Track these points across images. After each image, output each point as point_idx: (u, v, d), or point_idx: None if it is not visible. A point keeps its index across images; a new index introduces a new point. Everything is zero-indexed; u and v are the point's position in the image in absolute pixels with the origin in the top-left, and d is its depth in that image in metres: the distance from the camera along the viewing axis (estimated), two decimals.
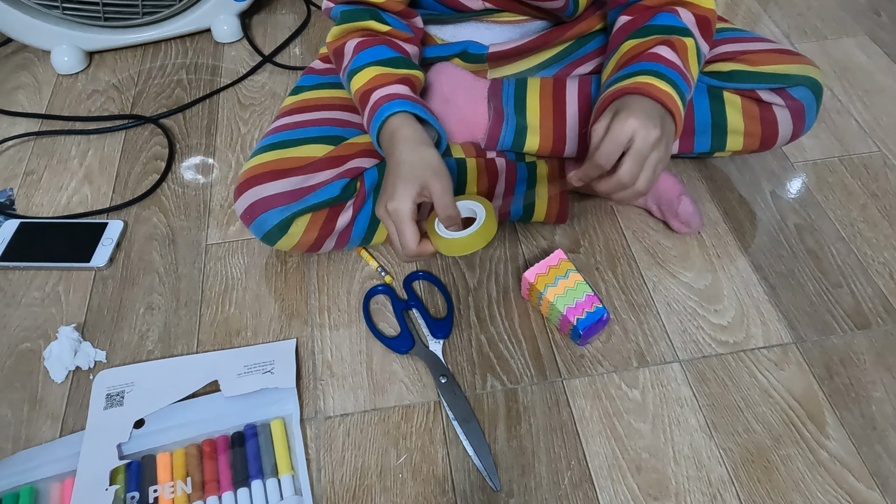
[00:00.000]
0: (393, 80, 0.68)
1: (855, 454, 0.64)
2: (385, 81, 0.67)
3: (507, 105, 0.76)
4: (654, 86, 0.61)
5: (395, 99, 0.66)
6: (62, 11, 1.02)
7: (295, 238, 0.71)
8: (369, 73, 0.68)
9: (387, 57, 0.69)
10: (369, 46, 0.69)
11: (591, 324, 0.68)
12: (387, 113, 0.65)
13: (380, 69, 0.68)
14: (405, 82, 0.68)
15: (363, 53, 0.69)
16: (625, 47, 0.68)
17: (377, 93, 0.67)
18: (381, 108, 0.66)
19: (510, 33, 0.79)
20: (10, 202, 0.89)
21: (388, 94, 0.66)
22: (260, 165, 0.71)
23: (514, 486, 0.62)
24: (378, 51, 0.69)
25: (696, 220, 0.79)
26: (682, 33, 0.67)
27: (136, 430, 0.65)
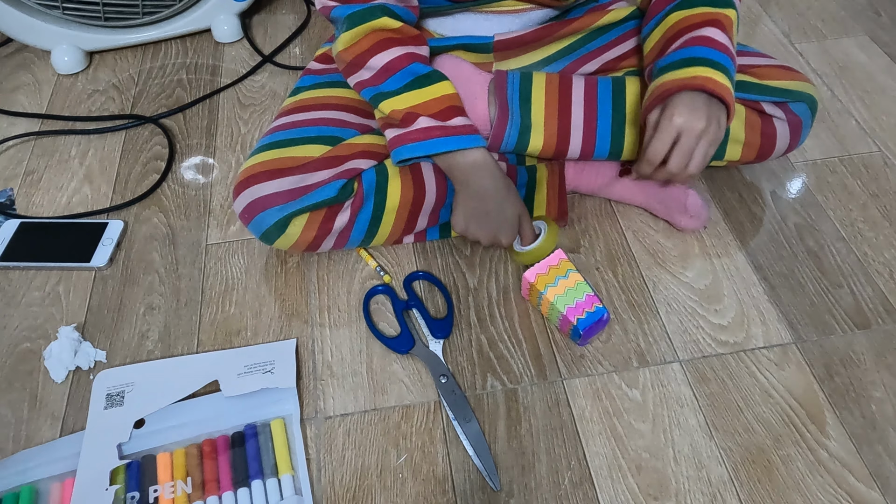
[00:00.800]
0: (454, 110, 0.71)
1: (855, 454, 0.64)
2: (447, 112, 0.70)
3: (511, 100, 0.76)
4: (713, 80, 0.64)
5: (472, 133, 0.70)
6: (62, 11, 1.02)
7: (293, 237, 0.71)
8: (413, 98, 0.70)
9: (422, 74, 0.70)
10: (402, 68, 0.70)
11: (591, 324, 0.68)
12: (468, 145, 0.70)
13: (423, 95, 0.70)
14: (461, 111, 0.71)
15: (397, 75, 0.70)
16: (670, 20, 0.70)
17: (455, 121, 0.70)
18: (460, 137, 0.70)
19: (510, 24, 0.79)
20: (10, 202, 0.89)
21: (465, 126, 0.70)
22: (258, 165, 0.71)
23: (514, 486, 0.62)
24: (412, 70, 0.70)
25: (705, 213, 0.80)
26: (726, 4, 0.69)
27: (137, 430, 0.65)
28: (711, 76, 0.64)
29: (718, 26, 0.67)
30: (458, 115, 0.70)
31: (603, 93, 0.76)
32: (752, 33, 1.13)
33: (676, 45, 0.68)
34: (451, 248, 0.81)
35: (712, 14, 0.68)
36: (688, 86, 0.64)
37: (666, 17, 0.71)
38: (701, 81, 0.64)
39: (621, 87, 0.76)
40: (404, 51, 0.70)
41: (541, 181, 0.81)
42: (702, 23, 0.68)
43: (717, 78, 0.64)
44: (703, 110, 0.63)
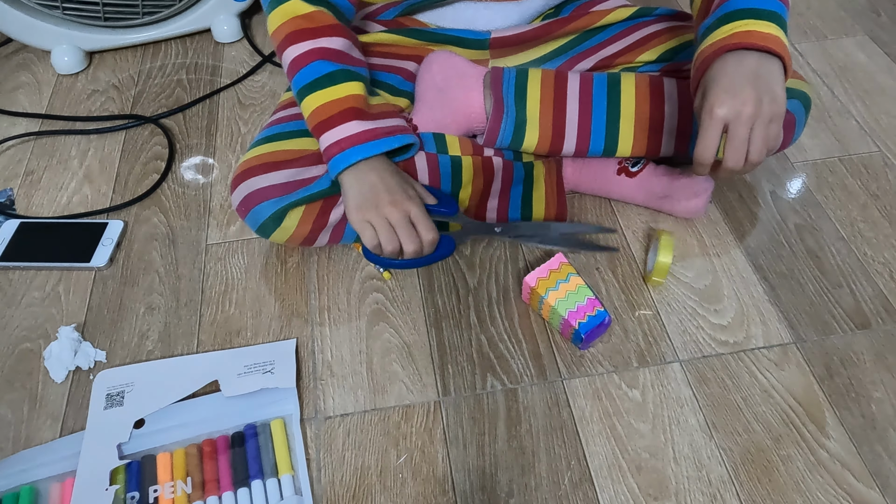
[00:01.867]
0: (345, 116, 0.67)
1: (855, 454, 0.64)
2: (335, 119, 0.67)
3: (507, 95, 0.76)
4: (756, 32, 0.55)
5: (355, 145, 0.66)
6: (62, 11, 1.02)
7: (289, 231, 0.71)
8: (313, 101, 0.68)
9: (323, 74, 0.68)
10: (305, 65, 0.68)
11: (593, 327, 0.68)
12: (355, 159, 0.66)
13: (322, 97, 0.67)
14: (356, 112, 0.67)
15: (301, 73, 0.68)
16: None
17: (332, 134, 0.67)
18: (345, 153, 0.66)
19: (509, 12, 0.79)
20: (10, 202, 0.89)
21: (345, 139, 0.66)
22: (255, 158, 0.72)
23: (514, 486, 0.62)
24: (315, 68, 0.68)
25: (710, 183, 0.79)
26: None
27: (136, 430, 0.65)
28: (754, 28, 0.55)
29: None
30: (355, 118, 0.67)
31: (598, 89, 0.76)
32: None
33: (716, 4, 0.61)
34: None
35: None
36: (726, 47, 0.56)
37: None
38: (740, 38, 0.55)
39: (616, 83, 0.76)
40: (312, 45, 0.68)
41: (538, 178, 0.81)
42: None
43: (760, 29, 0.55)
44: (747, 88, 0.55)
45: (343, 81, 0.68)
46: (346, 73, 0.69)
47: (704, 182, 0.79)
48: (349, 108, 0.68)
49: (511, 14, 0.79)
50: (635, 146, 0.77)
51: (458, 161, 0.76)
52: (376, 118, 0.69)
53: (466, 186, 0.77)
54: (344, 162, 0.66)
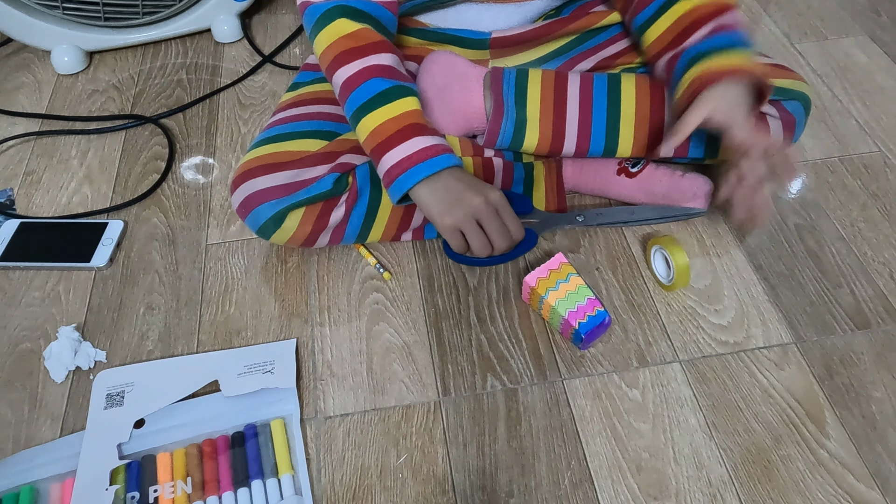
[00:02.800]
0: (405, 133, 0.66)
1: (855, 454, 0.64)
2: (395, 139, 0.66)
3: (507, 95, 0.76)
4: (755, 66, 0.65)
5: (422, 161, 0.66)
6: (62, 11, 1.02)
7: (289, 232, 0.71)
8: (370, 122, 0.67)
9: (377, 93, 0.67)
10: (357, 86, 0.67)
11: (593, 328, 0.68)
12: (423, 175, 0.66)
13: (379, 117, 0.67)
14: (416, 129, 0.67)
15: (354, 94, 0.68)
16: (678, 9, 0.70)
17: (395, 153, 0.66)
18: (412, 171, 0.66)
19: (511, 13, 0.79)
20: (10, 202, 0.89)
21: (410, 157, 0.66)
22: (255, 159, 0.72)
23: (514, 486, 0.62)
24: (368, 88, 0.67)
25: (709, 185, 0.79)
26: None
27: (136, 430, 0.65)
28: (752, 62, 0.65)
29: (733, 12, 0.68)
30: (416, 134, 0.66)
31: (598, 90, 0.76)
32: (752, 33, 1.13)
33: (703, 34, 0.68)
34: None
35: (723, 3, 0.68)
36: (733, 73, 0.64)
37: (669, 6, 0.70)
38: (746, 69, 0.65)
39: (617, 84, 0.76)
40: (362, 65, 0.68)
41: (538, 178, 0.81)
42: (719, 10, 0.68)
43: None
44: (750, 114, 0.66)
45: (398, 98, 0.67)
46: (399, 89, 0.68)
47: (704, 184, 0.79)
48: (409, 124, 0.66)
49: (513, 15, 0.80)
50: (635, 147, 0.77)
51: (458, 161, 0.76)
52: (436, 133, 0.69)
53: None
54: (412, 180, 0.65)
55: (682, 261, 0.72)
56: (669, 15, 0.71)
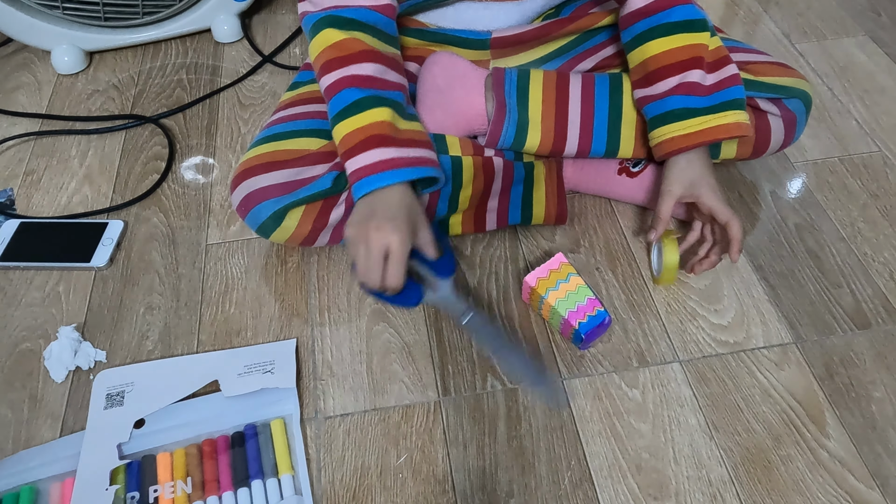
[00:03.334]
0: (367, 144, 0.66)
1: (855, 454, 0.64)
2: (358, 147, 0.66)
3: (509, 96, 0.76)
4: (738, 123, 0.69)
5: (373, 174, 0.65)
6: (62, 11, 1.02)
7: (289, 230, 0.71)
8: (342, 129, 0.67)
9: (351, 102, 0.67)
10: (334, 94, 0.68)
11: (593, 328, 0.68)
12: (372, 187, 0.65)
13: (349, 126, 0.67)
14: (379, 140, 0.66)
15: (332, 102, 0.68)
16: (650, 48, 0.71)
17: (355, 161, 0.66)
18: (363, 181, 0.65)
19: (510, 12, 0.79)
20: (10, 202, 0.89)
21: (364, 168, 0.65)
22: (255, 158, 0.72)
23: (514, 486, 0.62)
24: (343, 97, 0.67)
25: None
26: (700, 27, 0.70)
27: (137, 429, 0.65)
28: (716, 124, 0.68)
29: (700, 65, 0.70)
30: (377, 145, 0.66)
31: (600, 90, 0.76)
32: (752, 33, 1.13)
33: (666, 90, 0.70)
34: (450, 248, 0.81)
35: (691, 49, 0.70)
36: (694, 144, 0.69)
37: (644, 41, 0.72)
38: (704, 137, 0.69)
39: (618, 84, 0.76)
40: (341, 74, 0.68)
41: (538, 178, 0.81)
42: (685, 62, 0.70)
43: (718, 123, 0.69)
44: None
45: (369, 108, 0.67)
46: (373, 99, 0.67)
47: None
48: (372, 135, 0.66)
49: (512, 14, 0.79)
50: (637, 147, 0.77)
51: (459, 161, 0.76)
52: (403, 145, 0.67)
53: (467, 187, 0.77)
54: (362, 189, 0.65)
55: (672, 259, 0.72)
56: (643, 51, 0.72)
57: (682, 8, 0.70)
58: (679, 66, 0.70)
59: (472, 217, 0.80)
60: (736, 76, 0.70)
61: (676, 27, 0.70)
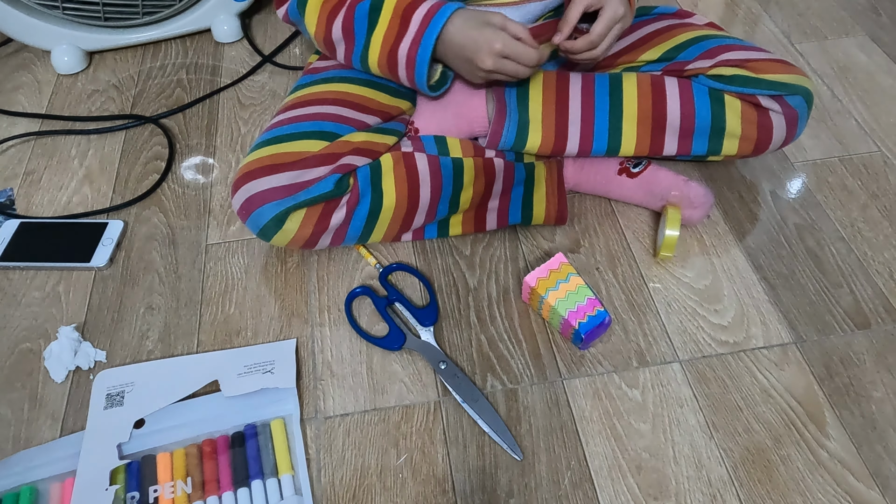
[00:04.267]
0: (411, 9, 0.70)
1: (855, 454, 0.64)
2: (406, 15, 0.70)
3: (509, 97, 0.76)
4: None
5: (434, 14, 0.69)
6: (62, 11, 1.02)
7: (290, 233, 0.71)
8: (380, 30, 0.71)
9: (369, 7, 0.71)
10: (352, 19, 0.71)
11: (593, 328, 0.68)
12: (442, 21, 0.69)
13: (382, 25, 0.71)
14: (414, 3, 0.71)
15: (356, 27, 0.72)
16: None
17: (409, 31, 0.70)
18: (433, 20, 0.69)
19: (510, 14, 0.79)
20: (10, 202, 0.89)
21: (424, 18, 0.70)
22: (256, 161, 0.72)
23: (514, 486, 0.62)
24: (362, 11, 0.71)
25: (709, 199, 0.80)
26: None
27: (136, 430, 0.65)
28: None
29: None
30: (414, 10, 0.70)
31: (600, 89, 0.76)
32: (752, 33, 1.13)
33: None
34: (450, 248, 0.81)
35: None
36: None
37: None
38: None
39: (618, 83, 0.76)
40: (346, 5, 0.72)
41: (539, 178, 0.81)
42: None
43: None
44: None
45: (383, 2, 0.71)
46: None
47: (703, 196, 0.79)
48: (405, 6, 0.70)
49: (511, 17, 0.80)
50: (638, 146, 0.77)
51: (460, 163, 0.76)
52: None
53: (468, 188, 0.77)
54: (428, 42, 0.69)
55: (671, 232, 0.75)
56: None
57: None
58: None
59: (472, 217, 0.80)
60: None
61: None
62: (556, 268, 0.72)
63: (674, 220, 0.75)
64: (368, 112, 0.78)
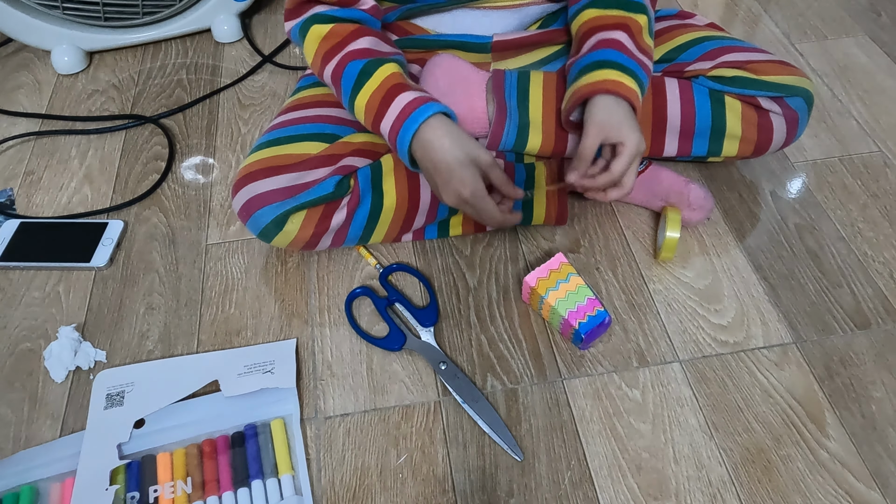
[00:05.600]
0: (391, 95, 0.67)
1: (855, 454, 0.64)
2: (383, 105, 0.67)
3: (509, 98, 0.76)
4: (622, 84, 0.66)
5: (416, 108, 0.66)
6: (62, 11, 1.02)
7: (291, 235, 0.71)
8: (360, 101, 0.68)
9: (358, 72, 0.68)
10: (341, 75, 0.69)
11: (592, 328, 0.68)
12: (416, 124, 0.65)
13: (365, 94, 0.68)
14: (398, 87, 0.67)
15: (342, 83, 0.69)
16: (584, 16, 0.72)
17: (387, 118, 0.67)
18: (407, 120, 0.65)
19: (508, 19, 0.79)
20: (10, 202, 0.89)
21: (400, 113, 0.66)
22: (256, 163, 0.72)
23: (514, 486, 0.62)
24: (350, 72, 0.69)
25: (709, 202, 0.80)
26: (638, 9, 0.71)
27: (136, 429, 0.65)
28: (621, 80, 0.66)
29: (627, 31, 0.70)
30: (398, 93, 0.67)
31: None
32: (752, 33, 1.13)
33: (588, 48, 0.70)
34: (450, 248, 0.81)
35: (622, 18, 0.70)
36: (599, 90, 0.66)
37: (581, 12, 0.73)
38: (610, 85, 0.66)
39: None
40: (340, 55, 0.70)
41: (539, 179, 0.81)
42: (612, 25, 0.70)
43: (626, 83, 0.66)
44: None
45: (377, 69, 0.68)
46: (377, 61, 0.68)
47: (703, 199, 0.79)
48: (391, 86, 0.67)
49: (510, 21, 0.80)
50: None
51: None
52: (420, 90, 0.68)
53: None
54: (406, 138, 0.65)
55: (671, 234, 0.75)
56: (578, 20, 0.74)
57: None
58: (606, 28, 0.70)
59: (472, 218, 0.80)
60: (650, 70, 0.71)
61: (613, 3, 0.71)
62: (556, 268, 0.72)
63: (674, 222, 0.75)
64: None
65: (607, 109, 0.66)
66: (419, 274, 0.78)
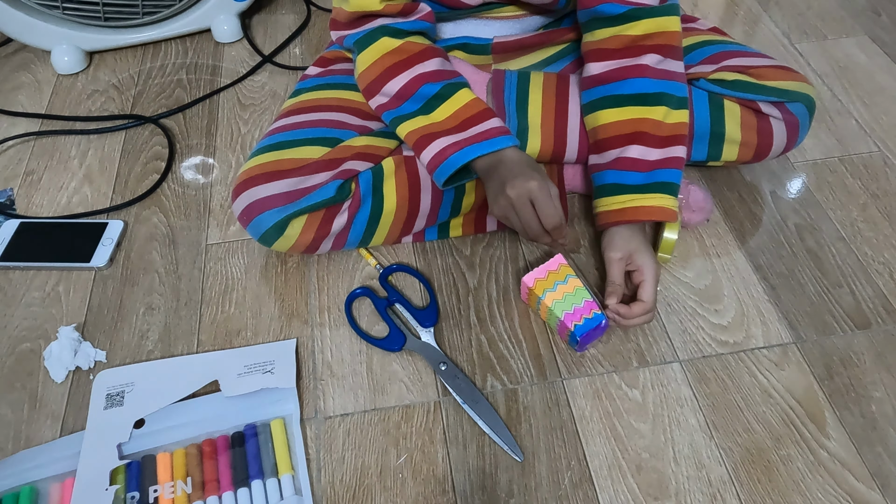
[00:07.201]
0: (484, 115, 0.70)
1: (855, 454, 0.64)
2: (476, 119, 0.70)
3: (508, 102, 0.76)
4: (640, 208, 0.69)
5: (501, 135, 0.69)
6: (62, 11, 1.02)
7: (291, 239, 0.71)
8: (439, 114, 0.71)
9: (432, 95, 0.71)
10: (412, 93, 0.71)
11: (588, 330, 0.68)
12: (500, 146, 0.68)
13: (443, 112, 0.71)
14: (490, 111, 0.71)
15: (410, 100, 0.72)
16: (600, 118, 0.72)
17: (481, 126, 0.69)
18: (492, 140, 0.68)
19: (510, 29, 0.79)
20: (10, 202, 0.89)
21: (494, 129, 0.69)
22: (257, 167, 0.72)
23: (514, 486, 0.62)
24: (423, 93, 0.71)
25: (709, 204, 0.80)
26: (654, 101, 0.70)
27: (136, 430, 0.65)
28: (637, 205, 0.69)
29: (643, 141, 0.69)
30: (475, 123, 0.70)
31: None
32: (752, 33, 1.13)
33: (605, 163, 0.72)
34: (451, 248, 0.81)
35: (638, 123, 0.70)
36: (613, 222, 0.70)
37: (596, 109, 0.72)
38: (630, 214, 0.69)
39: None
40: (412, 74, 0.71)
41: None
42: (630, 135, 0.70)
43: (642, 204, 0.69)
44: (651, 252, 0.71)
45: (456, 91, 0.71)
46: (454, 85, 0.71)
47: (703, 201, 0.79)
48: (484, 109, 0.70)
49: (512, 30, 0.80)
50: None
51: None
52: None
53: (470, 193, 0.77)
54: (487, 148, 0.68)
55: (669, 235, 0.74)
56: (594, 118, 0.73)
57: (637, 81, 0.70)
58: (622, 140, 0.70)
59: (472, 219, 0.80)
60: (679, 160, 0.70)
61: (627, 100, 0.70)
62: (554, 269, 0.72)
63: (672, 223, 0.75)
64: (369, 118, 0.78)
65: (624, 239, 0.71)
66: (419, 274, 0.78)
